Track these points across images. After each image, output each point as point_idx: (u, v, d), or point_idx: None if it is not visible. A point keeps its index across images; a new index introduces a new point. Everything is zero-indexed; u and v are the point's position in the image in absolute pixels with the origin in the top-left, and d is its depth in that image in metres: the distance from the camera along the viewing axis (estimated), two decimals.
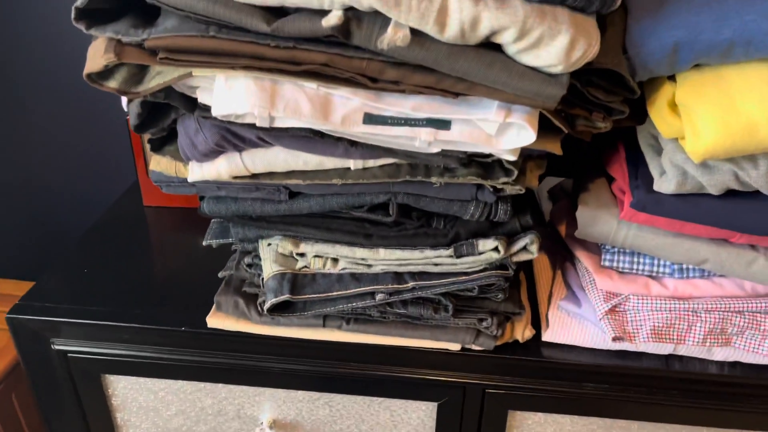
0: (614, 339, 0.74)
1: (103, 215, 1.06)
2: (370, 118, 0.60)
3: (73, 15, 0.55)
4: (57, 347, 0.84)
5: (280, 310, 0.74)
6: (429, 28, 0.53)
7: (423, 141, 0.60)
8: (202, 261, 0.93)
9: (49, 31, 1.23)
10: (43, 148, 1.37)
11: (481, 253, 0.70)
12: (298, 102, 0.58)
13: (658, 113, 0.63)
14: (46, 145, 1.37)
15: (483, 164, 0.65)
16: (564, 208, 0.87)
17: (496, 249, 0.69)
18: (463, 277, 0.72)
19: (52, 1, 1.20)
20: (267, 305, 0.72)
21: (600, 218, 0.74)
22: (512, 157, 0.62)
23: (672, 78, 0.63)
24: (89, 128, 1.33)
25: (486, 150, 0.61)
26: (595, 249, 0.79)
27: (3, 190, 1.43)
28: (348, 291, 0.72)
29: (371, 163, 0.67)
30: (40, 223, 1.47)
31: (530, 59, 0.54)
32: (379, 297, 0.72)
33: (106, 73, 0.58)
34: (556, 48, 0.53)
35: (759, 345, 0.72)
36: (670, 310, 0.73)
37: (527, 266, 0.90)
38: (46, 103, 1.32)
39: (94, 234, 1.01)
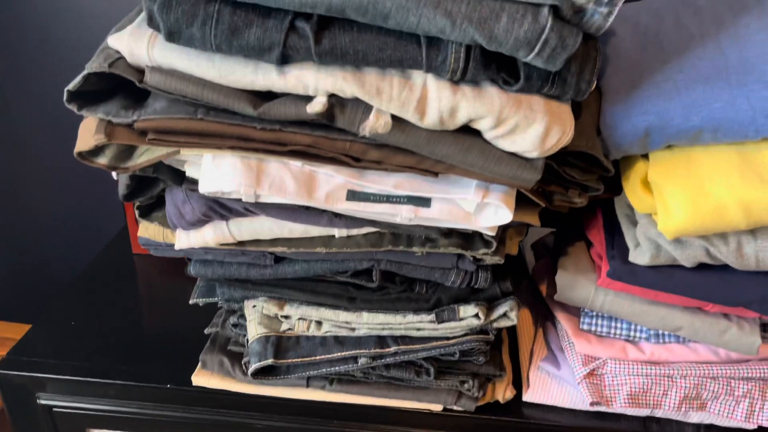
0: (592, 404, 0.75)
1: (91, 262, 1.07)
2: (353, 195, 0.61)
3: (65, 97, 0.56)
4: (42, 402, 0.85)
5: (265, 373, 0.75)
6: (409, 116, 0.55)
7: (404, 218, 0.62)
8: (189, 313, 0.93)
9: (40, 84, 1.25)
10: (34, 187, 1.38)
11: (462, 319, 0.72)
12: (283, 180, 0.60)
13: (632, 190, 0.65)
14: (37, 183, 1.38)
15: (464, 235, 0.67)
16: (545, 266, 0.89)
17: (476, 315, 0.71)
18: (445, 342, 0.73)
19: (47, 43, 1.22)
20: (251, 369, 0.73)
21: (578, 283, 0.76)
22: (491, 233, 0.63)
23: (645, 156, 0.65)
24: (80, 169, 1.35)
25: (465, 227, 0.63)
26: (575, 311, 0.81)
27: None
28: (331, 355, 0.73)
29: (355, 231, 0.68)
30: (31, 263, 1.48)
31: (507, 145, 0.56)
32: (362, 361, 0.73)
33: (96, 150, 0.60)
34: (531, 135, 0.55)
35: (733, 410, 0.74)
36: (646, 375, 0.74)
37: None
38: (37, 144, 1.33)
39: (82, 283, 1.01)
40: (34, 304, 1.50)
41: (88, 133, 0.58)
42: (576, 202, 0.65)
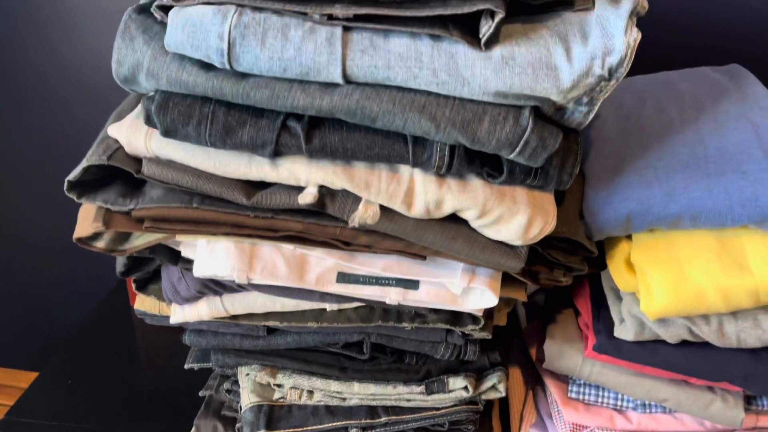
0: None
1: (90, 317, 1.08)
2: (343, 277, 0.63)
3: (65, 186, 0.58)
4: None
5: None
6: (397, 207, 0.57)
7: (393, 300, 0.63)
8: (185, 372, 0.95)
9: (39, 129, 1.28)
10: (36, 233, 1.40)
11: (451, 391, 0.73)
12: (275, 264, 0.62)
13: (616, 269, 0.67)
14: (39, 231, 1.40)
15: (452, 311, 0.69)
16: (536, 329, 0.90)
17: (465, 388, 0.72)
18: (434, 412, 0.74)
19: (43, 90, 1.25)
20: None
21: (566, 353, 0.77)
22: (478, 314, 0.65)
23: (629, 236, 0.67)
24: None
25: (452, 309, 0.65)
26: (564, 377, 0.82)
27: None
28: (322, 425, 0.74)
29: (346, 305, 0.70)
30: (33, 310, 1.49)
31: (491, 234, 0.58)
32: None
33: (95, 235, 0.62)
34: (514, 226, 0.57)
35: None
36: None
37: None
38: (35, 192, 1.36)
39: (81, 339, 1.03)
40: (36, 351, 1.51)
41: (86, 220, 0.60)
42: (561, 281, 0.67)
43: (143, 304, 0.74)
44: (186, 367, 0.82)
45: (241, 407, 0.77)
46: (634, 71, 0.75)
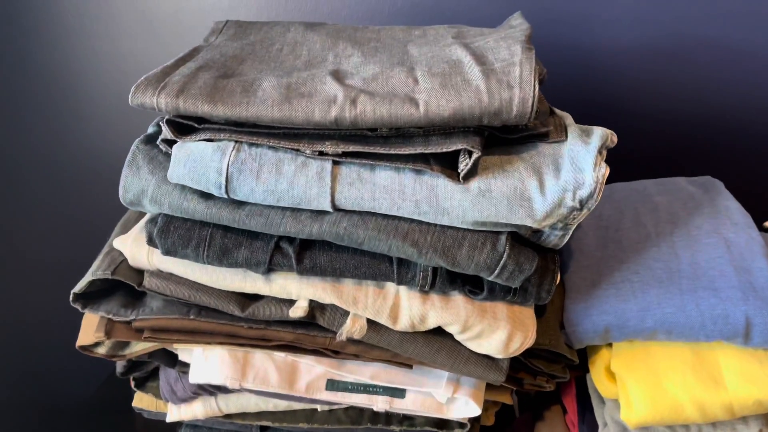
0: None
1: (91, 396, 1.10)
2: (332, 385, 0.66)
3: (71, 298, 0.62)
4: None
5: None
6: (383, 321, 0.60)
7: (380, 408, 0.66)
8: None
9: (39, 178, 1.32)
10: (37, 307, 1.43)
11: None
12: (267, 372, 0.65)
13: (598, 376, 0.69)
14: (40, 302, 1.43)
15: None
16: (525, 422, 0.92)
17: None
18: None
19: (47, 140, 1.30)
20: None
21: None
22: (464, 421, 0.67)
23: (610, 344, 0.69)
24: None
25: (438, 416, 0.67)
26: None
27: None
28: None
29: (336, 406, 0.72)
30: (35, 386, 1.50)
31: (474, 347, 0.61)
32: None
33: (96, 342, 0.65)
34: (495, 341, 0.60)
35: None
36: None
37: None
38: (38, 268, 1.39)
39: (79, 418, 1.04)
40: (34, 428, 1.52)
41: (89, 329, 0.63)
42: (545, 387, 0.69)
43: (141, 401, 0.76)
44: None
45: None
46: (614, 175, 0.79)
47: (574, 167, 0.55)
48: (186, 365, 0.68)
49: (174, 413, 0.73)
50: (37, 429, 1.50)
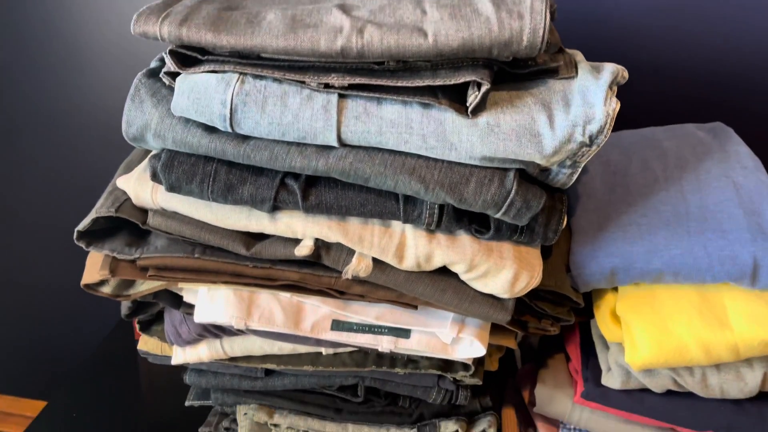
0: None
1: (96, 349, 1.11)
2: (337, 325, 0.66)
3: (75, 236, 0.62)
4: None
5: None
6: (389, 260, 0.60)
7: (385, 348, 0.66)
8: (186, 408, 0.97)
9: (48, 158, 1.32)
10: (44, 260, 1.44)
11: None
12: (272, 312, 0.65)
13: (603, 319, 0.69)
14: (48, 256, 1.43)
15: (444, 358, 0.71)
16: (529, 372, 0.92)
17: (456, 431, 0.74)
18: None
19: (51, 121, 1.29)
20: None
21: (556, 398, 0.79)
22: (468, 361, 0.67)
23: (615, 288, 0.69)
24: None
25: (443, 357, 0.67)
26: (555, 421, 0.84)
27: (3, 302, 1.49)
28: None
29: (341, 349, 0.72)
30: (39, 338, 1.52)
31: (479, 287, 0.61)
32: None
33: (101, 281, 0.65)
34: (501, 280, 0.59)
35: None
36: None
37: (497, 410, 0.94)
38: (46, 217, 1.39)
39: (86, 371, 1.05)
40: (42, 381, 1.54)
41: (94, 268, 0.63)
42: (549, 331, 0.69)
43: (146, 344, 0.76)
44: (186, 404, 0.85)
45: None
46: (623, 126, 0.78)
47: (584, 102, 0.54)
48: (191, 307, 0.68)
49: (179, 356, 0.73)
50: (44, 380, 1.53)
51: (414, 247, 0.59)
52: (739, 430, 0.69)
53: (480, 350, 0.64)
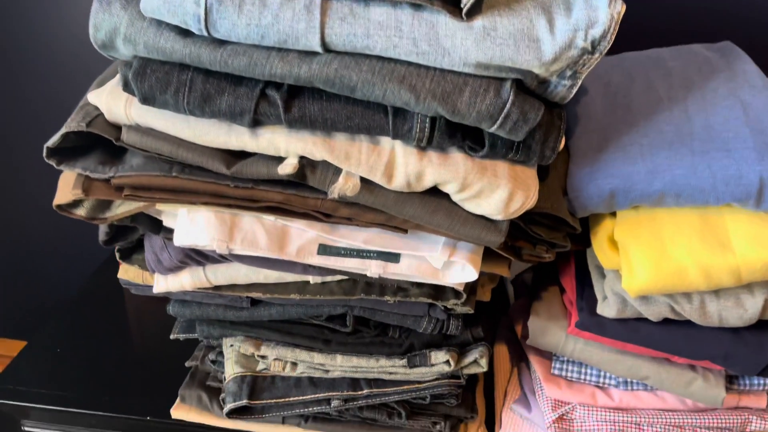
0: None
1: (82, 286, 1.09)
2: (324, 249, 0.63)
3: (44, 153, 0.58)
4: (27, 429, 0.87)
5: (240, 412, 0.76)
6: (377, 179, 0.57)
7: (374, 272, 0.63)
8: (172, 343, 0.95)
9: (42, 95, 1.27)
10: (30, 203, 1.40)
11: (433, 365, 0.73)
12: (255, 235, 0.62)
13: (599, 246, 0.67)
14: (33, 200, 1.40)
15: (435, 285, 0.69)
16: (522, 307, 0.91)
17: (447, 362, 0.73)
18: (417, 386, 0.75)
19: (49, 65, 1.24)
20: (226, 409, 0.75)
21: (549, 330, 0.77)
22: (460, 287, 0.65)
23: (613, 213, 0.66)
24: None
25: (433, 282, 0.65)
26: (548, 353, 0.82)
27: None
28: (305, 397, 0.75)
29: (329, 278, 0.70)
30: (24, 280, 1.50)
31: (472, 208, 0.58)
32: (334, 403, 0.75)
33: (75, 202, 0.62)
34: (495, 200, 0.57)
35: None
36: (614, 422, 0.76)
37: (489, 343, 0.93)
38: (32, 164, 1.35)
39: (70, 309, 1.03)
40: (26, 321, 1.52)
41: (66, 187, 0.60)
42: (544, 258, 0.67)
43: (127, 273, 0.74)
44: (172, 337, 0.83)
45: (225, 378, 0.78)
46: (624, 48, 0.74)
47: (587, 4, 0.50)
48: (171, 232, 0.65)
49: (160, 284, 0.70)
50: (28, 320, 1.51)
51: (404, 165, 0.56)
52: (736, 359, 0.68)
53: (472, 274, 0.62)
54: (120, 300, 1.07)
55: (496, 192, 0.56)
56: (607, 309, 0.69)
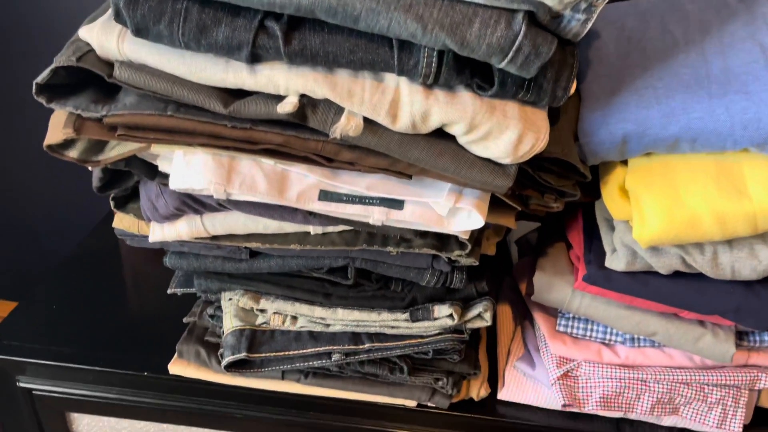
0: (564, 406, 0.75)
1: (77, 246, 1.07)
2: (325, 195, 0.61)
3: (33, 89, 0.56)
4: (22, 385, 0.86)
5: (238, 366, 0.75)
6: (381, 119, 0.54)
7: (376, 219, 0.61)
8: (169, 301, 0.94)
9: (39, 49, 1.24)
10: (25, 166, 1.38)
11: (436, 319, 0.71)
12: (254, 179, 0.59)
13: (610, 196, 0.64)
14: (28, 162, 1.38)
15: (439, 236, 0.67)
16: (527, 265, 0.89)
17: (450, 316, 0.71)
18: (419, 340, 0.73)
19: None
20: (224, 362, 0.73)
21: (555, 285, 0.75)
22: (465, 236, 0.63)
23: (624, 162, 0.64)
24: None
25: (438, 230, 0.62)
26: (552, 311, 0.81)
27: None
28: (305, 350, 0.73)
29: (330, 229, 0.68)
30: (19, 242, 1.48)
31: (479, 150, 0.56)
32: (335, 357, 0.73)
33: (67, 143, 0.59)
34: (504, 142, 0.54)
35: (705, 416, 0.74)
36: (620, 379, 0.74)
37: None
38: (27, 124, 1.33)
39: (66, 267, 1.02)
40: (20, 282, 1.51)
41: (57, 127, 0.57)
42: (552, 207, 0.65)
43: (122, 222, 0.72)
44: (169, 291, 0.81)
45: (223, 332, 0.76)
46: None
47: None
48: (167, 178, 0.62)
49: (156, 233, 0.68)
50: (23, 282, 1.49)
51: (409, 103, 0.54)
52: (748, 312, 0.66)
53: (478, 221, 0.59)
54: (117, 259, 1.05)
55: (506, 133, 0.54)
56: (615, 262, 0.67)
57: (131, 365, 0.83)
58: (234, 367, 0.75)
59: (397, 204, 0.61)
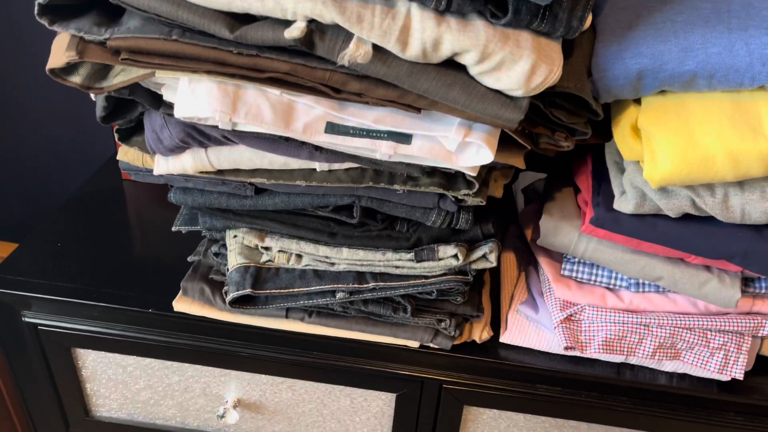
0: (566, 348, 0.75)
1: (81, 186, 1.07)
2: (332, 128, 0.60)
3: (36, 10, 0.54)
4: (28, 320, 0.86)
5: (243, 302, 0.75)
6: (391, 46, 0.53)
7: (383, 153, 0.60)
8: (174, 240, 0.94)
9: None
10: (28, 106, 1.37)
11: (440, 259, 0.71)
12: (260, 108, 0.58)
13: (621, 136, 0.63)
14: (32, 102, 1.36)
15: (446, 174, 0.66)
16: (533, 211, 0.88)
17: (455, 256, 0.71)
18: (423, 280, 0.73)
19: None
20: (229, 298, 0.73)
21: (562, 229, 0.75)
22: (473, 173, 0.62)
23: (637, 101, 0.63)
24: (75, 90, 1.32)
25: (446, 166, 0.62)
26: (557, 256, 0.80)
27: None
28: (309, 288, 0.73)
29: (336, 165, 0.67)
30: (22, 183, 1.47)
31: (491, 82, 0.54)
32: (339, 296, 0.73)
33: (70, 68, 0.58)
34: (516, 73, 0.53)
35: (707, 361, 0.74)
36: (622, 323, 0.74)
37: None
38: (32, 64, 1.31)
39: (71, 206, 1.02)
40: (24, 223, 1.51)
41: (60, 50, 0.56)
42: (562, 146, 0.64)
43: (126, 155, 0.71)
44: (173, 229, 0.81)
45: (227, 270, 0.76)
46: None
47: None
48: (172, 108, 0.62)
49: (161, 165, 0.68)
50: (26, 223, 1.50)
51: (420, 30, 0.52)
52: (756, 257, 0.66)
53: (487, 156, 0.59)
54: (122, 199, 1.05)
55: (519, 63, 0.53)
56: (624, 204, 0.66)
57: (136, 302, 0.83)
58: (238, 303, 0.75)
59: (405, 138, 0.60)
